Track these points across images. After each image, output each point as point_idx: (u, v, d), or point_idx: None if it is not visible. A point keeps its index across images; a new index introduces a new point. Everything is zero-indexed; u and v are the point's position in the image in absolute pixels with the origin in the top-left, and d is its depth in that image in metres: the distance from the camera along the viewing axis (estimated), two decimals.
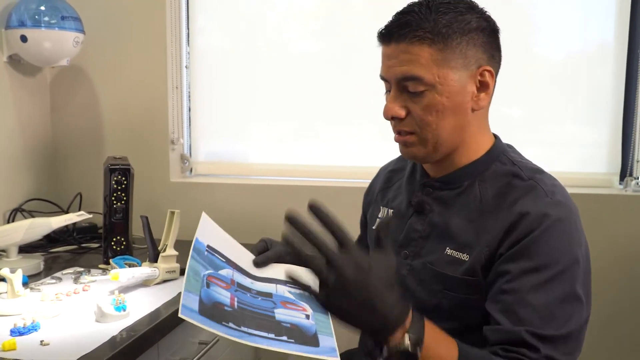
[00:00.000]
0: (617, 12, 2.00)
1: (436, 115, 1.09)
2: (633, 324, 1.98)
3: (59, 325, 1.28)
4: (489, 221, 1.09)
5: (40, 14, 1.92)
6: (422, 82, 1.08)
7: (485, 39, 1.11)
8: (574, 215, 1.09)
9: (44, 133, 2.26)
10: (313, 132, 2.25)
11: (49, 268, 1.71)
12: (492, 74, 1.12)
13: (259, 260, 1.27)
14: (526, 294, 1.02)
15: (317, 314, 1.17)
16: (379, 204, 1.35)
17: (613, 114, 2.03)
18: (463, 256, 1.11)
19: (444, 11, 1.08)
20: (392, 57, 1.11)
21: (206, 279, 1.08)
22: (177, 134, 2.25)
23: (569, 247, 1.05)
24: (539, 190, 1.09)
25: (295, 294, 1.21)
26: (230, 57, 2.26)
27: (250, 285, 1.17)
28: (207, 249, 1.16)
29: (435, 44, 1.07)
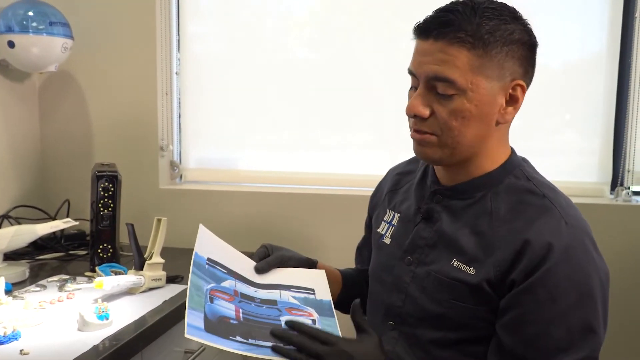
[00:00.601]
0: (609, 23, 1.99)
1: (461, 121, 1.06)
2: (624, 335, 1.97)
3: (40, 334, 1.26)
4: (499, 238, 1.07)
5: (28, 19, 1.91)
6: (454, 85, 1.04)
7: (524, 53, 1.07)
8: (588, 237, 1.07)
9: (33, 139, 2.24)
10: (305, 139, 2.24)
11: (35, 275, 1.70)
12: (523, 89, 1.09)
13: (260, 266, 1.26)
14: (545, 326, 1.02)
15: (323, 318, 1.17)
16: (386, 206, 1.32)
17: (604, 124, 2.02)
18: (470, 270, 1.08)
19: (489, 16, 1.04)
20: (427, 53, 1.06)
21: (209, 293, 1.07)
22: (166, 140, 2.24)
23: (586, 273, 1.03)
24: (554, 213, 1.06)
25: (299, 299, 1.20)
26: (222, 63, 2.25)
27: (254, 294, 1.16)
28: (207, 262, 1.15)
29: (475, 49, 1.03)
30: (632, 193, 2.00)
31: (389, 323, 1.20)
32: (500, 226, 1.08)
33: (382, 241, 1.28)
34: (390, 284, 1.21)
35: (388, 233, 1.26)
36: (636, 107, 1.95)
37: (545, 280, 1.01)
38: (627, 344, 1.97)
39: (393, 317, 1.20)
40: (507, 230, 1.06)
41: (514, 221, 1.07)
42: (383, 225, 1.30)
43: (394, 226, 1.26)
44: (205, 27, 2.29)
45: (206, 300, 1.05)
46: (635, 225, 1.95)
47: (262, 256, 1.29)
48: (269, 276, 1.26)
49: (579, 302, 1.02)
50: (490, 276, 1.06)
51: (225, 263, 1.19)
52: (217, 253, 1.20)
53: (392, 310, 1.20)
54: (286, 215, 2.16)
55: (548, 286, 1.01)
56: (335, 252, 2.11)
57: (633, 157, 1.98)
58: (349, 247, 1.94)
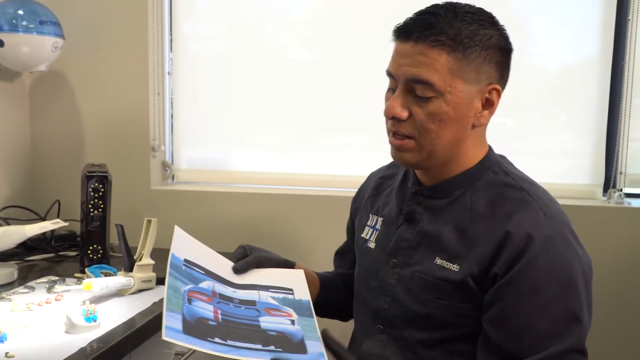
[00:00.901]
0: (601, 25, 1.99)
1: (439, 124, 1.07)
2: (616, 336, 1.96)
3: (27, 336, 1.24)
4: (479, 233, 1.08)
5: (18, 18, 1.89)
6: (432, 88, 1.05)
7: (500, 58, 1.09)
8: (568, 228, 1.08)
9: (23, 139, 2.23)
10: (300, 140, 2.24)
11: (24, 277, 1.68)
12: (499, 93, 1.11)
13: (239, 266, 1.25)
14: (529, 318, 1.02)
15: (302, 318, 1.16)
16: (368, 211, 1.33)
17: (597, 126, 2.02)
18: (453, 267, 1.09)
19: (469, 21, 1.06)
20: (407, 55, 1.07)
21: (187, 294, 1.06)
22: (158, 140, 2.22)
23: (567, 263, 1.04)
24: (533, 205, 1.07)
25: (278, 299, 1.19)
26: (215, 63, 2.24)
27: (233, 295, 1.15)
28: (184, 263, 1.14)
29: (455, 52, 1.04)
30: (625, 195, 2.00)
31: (378, 327, 1.20)
32: (480, 221, 1.09)
33: (366, 246, 1.28)
34: (377, 288, 1.21)
35: (372, 237, 1.27)
36: (629, 109, 1.95)
37: (526, 271, 1.02)
38: (619, 344, 1.97)
39: (381, 321, 1.20)
40: (487, 225, 1.07)
41: (493, 215, 1.08)
42: (367, 230, 1.30)
43: (378, 230, 1.26)
44: (198, 27, 2.28)
45: (184, 301, 1.04)
46: (627, 227, 1.95)
47: (240, 256, 1.28)
48: (247, 277, 1.25)
49: (562, 292, 1.03)
50: (474, 271, 1.06)
51: (202, 264, 1.18)
52: (194, 254, 1.19)
53: (379, 314, 1.20)
54: (279, 217, 2.15)
55: (529, 278, 1.02)
56: (328, 254, 2.09)
57: (625, 160, 1.98)
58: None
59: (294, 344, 1.07)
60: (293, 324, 1.13)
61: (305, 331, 1.12)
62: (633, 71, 1.94)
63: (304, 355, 1.06)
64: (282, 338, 1.08)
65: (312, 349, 1.07)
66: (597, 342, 1.96)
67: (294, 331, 1.11)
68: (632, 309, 1.96)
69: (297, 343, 1.08)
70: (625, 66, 1.95)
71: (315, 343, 1.09)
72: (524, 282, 1.02)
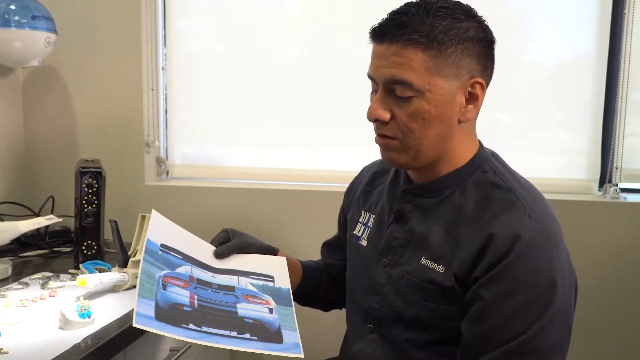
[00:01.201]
0: (597, 21, 1.99)
1: (421, 123, 1.06)
2: (610, 331, 1.97)
3: (21, 332, 1.23)
4: (464, 234, 1.07)
5: (10, 13, 1.88)
6: (411, 87, 1.04)
7: (481, 50, 1.07)
8: (552, 233, 1.07)
9: (16, 134, 2.21)
10: (294, 136, 2.23)
11: (18, 273, 1.67)
12: (482, 86, 1.09)
13: (220, 251, 1.24)
14: (500, 321, 1.01)
15: (280, 307, 1.16)
16: (360, 207, 1.32)
17: (593, 121, 2.02)
18: (438, 267, 1.08)
19: (442, 16, 1.04)
20: (383, 57, 1.07)
21: (162, 280, 1.06)
22: (152, 136, 2.21)
23: (547, 269, 1.02)
24: (518, 207, 1.06)
25: (258, 286, 1.19)
26: (209, 58, 2.23)
27: (212, 280, 1.14)
28: (161, 248, 1.12)
29: (429, 49, 1.03)
30: (620, 190, 2.00)
31: (368, 326, 1.20)
32: (466, 223, 1.08)
33: (358, 243, 1.27)
34: (367, 287, 1.21)
35: (364, 235, 1.26)
36: (624, 104, 1.95)
37: (505, 273, 1.01)
38: (615, 338, 1.97)
39: (371, 320, 1.19)
40: (472, 227, 1.07)
41: (479, 217, 1.07)
42: (359, 227, 1.30)
43: (370, 228, 1.26)
44: (193, 22, 2.27)
45: (158, 287, 1.04)
46: (623, 222, 1.94)
47: (223, 241, 1.28)
48: (228, 261, 1.24)
49: (536, 298, 1.01)
50: (457, 273, 1.06)
51: (180, 248, 1.16)
52: (171, 239, 1.17)
53: (369, 313, 1.20)
54: (274, 212, 2.14)
55: (507, 280, 1.01)
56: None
57: (621, 155, 1.97)
58: None
59: (271, 332, 1.08)
60: (271, 312, 1.13)
61: (283, 320, 1.12)
62: (629, 66, 1.93)
63: (280, 344, 1.06)
64: (258, 326, 1.08)
65: (288, 339, 1.08)
66: (592, 336, 1.97)
67: (271, 320, 1.11)
68: (628, 305, 1.96)
69: (273, 332, 1.08)
70: (621, 61, 1.94)
71: (291, 333, 1.09)
72: (502, 284, 1.01)
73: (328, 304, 1.48)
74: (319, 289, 1.44)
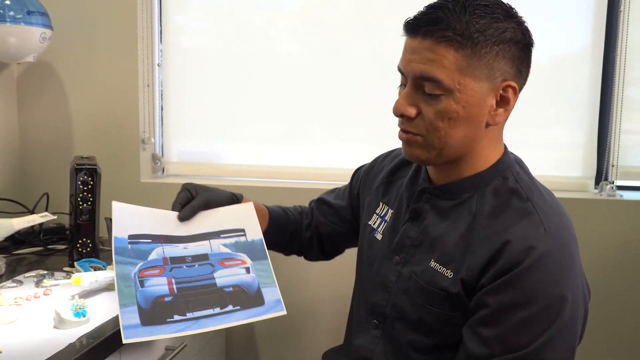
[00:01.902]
0: (593, 17, 1.99)
1: (448, 122, 1.03)
2: (608, 329, 1.97)
3: (15, 331, 1.23)
4: (477, 240, 1.04)
5: (4, 8, 1.86)
6: (441, 85, 1.01)
7: (517, 53, 1.04)
8: (567, 248, 1.03)
9: (11, 130, 2.20)
10: (291, 133, 2.22)
11: (12, 271, 1.66)
12: (515, 90, 1.06)
13: (183, 215, 1.22)
14: (504, 331, 0.99)
15: (256, 262, 1.18)
16: (379, 198, 1.29)
17: (589, 118, 2.02)
18: (447, 272, 1.06)
19: (480, 14, 1.00)
20: (415, 51, 1.03)
21: (138, 277, 1.06)
22: (148, 133, 2.21)
23: (555, 284, 0.99)
24: (535, 218, 1.02)
25: (230, 246, 1.19)
26: (205, 55, 2.22)
27: (184, 252, 1.14)
28: (129, 240, 1.11)
29: (463, 48, 0.99)
30: (617, 187, 2.00)
31: (373, 321, 1.19)
32: (480, 228, 1.05)
33: (373, 236, 1.25)
34: (377, 282, 1.20)
35: (380, 229, 1.24)
36: (620, 101, 1.95)
37: (514, 283, 0.99)
38: (611, 336, 1.98)
39: (377, 316, 1.19)
40: (486, 233, 1.04)
41: (493, 224, 1.04)
42: (375, 219, 1.27)
43: (387, 222, 1.23)
44: (189, 18, 2.26)
45: (136, 287, 1.04)
46: (619, 219, 1.95)
47: (184, 201, 1.25)
48: (195, 223, 1.22)
49: (543, 313, 0.98)
50: (464, 278, 1.04)
51: (147, 231, 1.15)
52: (137, 225, 1.16)
53: (375, 309, 1.19)
54: None
55: (516, 290, 0.98)
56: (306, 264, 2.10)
57: (617, 152, 1.97)
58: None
59: (251, 296, 1.10)
60: (248, 272, 1.14)
61: (261, 277, 1.14)
62: (625, 63, 1.93)
63: (262, 307, 1.09)
64: (239, 293, 1.10)
65: (269, 297, 1.11)
66: (590, 333, 1.97)
67: (249, 281, 1.13)
68: (624, 302, 1.96)
69: (254, 295, 1.10)
70: (617, 58, 1.94)
71: (271, 290, 1.12)
72: (509, 293, 0.99)
73: (292, 250, 1.48)
74: (284, 236, 1.43)
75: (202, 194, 1.26)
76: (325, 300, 2.12)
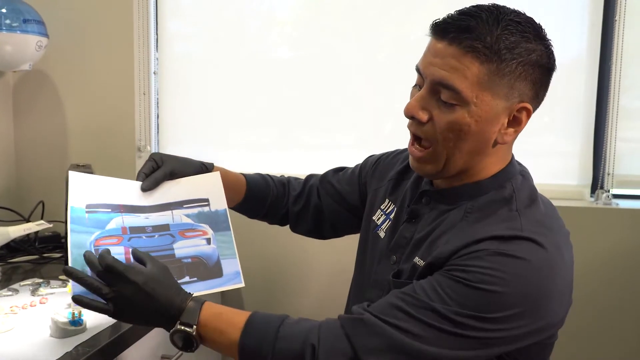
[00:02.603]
0: (589, 26, 2.00)
1: (457, 134, 1.01)
2: (605, 337, 1.97)
3: (11, 340, 1.22)
4: (453, 235, 1.03)
5: (1, 16, 1.86)
6: (458, 96, 0.99)
7: (539, 76, 1.02)
8: (548, 265, 0.97)
9: (6, 139, 2.20)
10: (287, 139, 2.22)
11: (7, 279, 1.65)
12: (529, 113, 1.04)
13: (146, 186, 1.19)
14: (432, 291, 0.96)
15: (218, 233, 1.16)
16: (386, 194, 1.28)
17: (585, 127, 2.02)
18: (421, 262, 1.05)
19: (512, 31, 0.98)
20: (438, 55, 1.00)
21: (94, 246, 1.05)
22: (144, 141, 2.20)
23: (511, 279, 0.94)
24: (515, 222, 1.00)
25: (193, 216, 1.18)
26: (201, 62, 2.22)
27: (145, 222, 1.12)
28: (87, 210, 1.09)
29: (488, 63, 0.97)
30: (612, 196, 2.01)
31: None
32: (459, 229, 1.04)
33: (376, 232, 1.25)
34: (373, 280, 1.19)
35: (384, 226, 1.23)
36: (616, 110, 1.96)
37: (466, 264, 0.96)
38: (607, 345, 1.98)
39: None
40: (463, 233, 1.02)
41: (473, 227, 1.02)
42: (379, 215, 1.27)
43: (390, 221, 1.22)
44: (185, 26, 2.26)
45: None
46: (615, 228, 1.95)
47: (149, 171, 1.21)
48: (159, 193, 1.19)
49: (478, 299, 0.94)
50: (432, 261, 1.02)
51: (106, 200, 1.13)
52: (95, 194, 1.13)
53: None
54: None
55: (465, 270, 0.96)
56: (315, 252, 2.10)
57: (613, 160, 1.98)
58: (333, 249, 1.92)
59: (210, 268, 1.09)
60: (209, 243, 1.13)
61: (222, 249, 1.13)
62: (620, 71, 1.94)
63: (220, 279, 1.10)
64: (197, 263, 1.09)
65: (227, 269, 1.11)
66: (586, 342, 1.97)
67: (209, 252, 1.12)
68: (622, 311, 1.96)
69: (212, 266, 1.10)
70: (613, 66, 1.95)
71: (231, 261, 1.12)
72: (458, 272, 0.96)
73: (272, 221, 1.47)
74: (262, 206, 1.42)
75: (168, 164, 1.23)
76: (325, 307, 2.11)
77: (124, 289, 1.00)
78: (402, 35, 2.08)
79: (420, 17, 2.02)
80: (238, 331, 0.99)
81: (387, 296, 1.01)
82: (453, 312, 0.94)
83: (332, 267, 2.09)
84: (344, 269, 1.54)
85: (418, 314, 0.95)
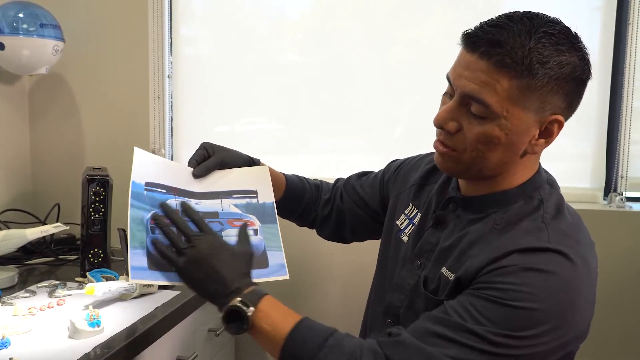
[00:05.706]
0: (602, 28, 1.99)
1: (487, 146, 1.00)
2: (617, 341, 1.96)
3: (30, 341, 1.24)
4: (481, 248, 1.02)
5: (18, 21, 1.89)
6: (488, 110, 0.97)
7: (572, 88, 0.99)
8: (573, 277, 0.97)
9: (23, 142, 2.22)
10: (298, 143, 2.23)
11: (24, 281, 1.67)
12: (561, 124, 1.02)
13: (198, 172, 1.21)
14: (466, 312, 0.96)
15: (265, 225, 1.18)
16: (410, 198, 1.27)
17: (597, 130, 2.02)
18: (450, 276, 1.05)
19: (545, 44, 0.96)
20: (469, 68, 0.99)
21: (150, 223, 1.06)
22: (158, 144, 2.22)
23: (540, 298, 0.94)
24: (542, 234, 0.99)
25: (241, 206, 1.20)
26: (214, 66, 2.24)
27: (195, 208, 1.13)
28: (145, 187, 1.11)
29: (519, 78, 0.95)
30: (626, 199, 2.00)
31: (388, 321, 1.19)
32: (488, 241, 1.03)
33: (399, 236, 1.25)
34: (395, 284, 1.19)
35: (407, 230, 1.23)
36: (629, 113, 1.95)
37: (489, 280, 0.97)
38: (618, 349, 1.97)
39: (392, 316, 1.18)
40: (492, 246, 1.01)
41: (500, 238, 1.02)
42: (403, 219, 1.26)
43: (415, 225, 1.22)
44: (198, 30, 2.28)
45: (147, 232, 1.04)
46: (628, 231, 1.94)
47: (201, 159, 1.24)
48: (209, 182, 1.22)
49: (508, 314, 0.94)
50: (461, 277, 1.02)
51: (163, 181, 1.14)
52: (154, 173, 1.15)
53: (391, 309, 1.19)
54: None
55: (496, 288, 0.96)
56: (322, 256, 2.10)
57: (626, 163, 1.97)
58: (341, 252, 1.93)
59: (256, 258, 1.10)
60: (256, 234, 1.15)
61: (268, 240, 1.15)
62: (634, 74, 1.93)
63: (265, 269, 1.11)
64: None
65: (273, 261, 1.13)
66: (597, 345, 1.97)
67: (256, 242, 1.13)
68: (634, 314, 1.96)
69: (259, 257, 1.12)
70: (626, 70, 1.94)
71: (277, 254, 1.14)
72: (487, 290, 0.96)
73: (304, 222, 1.48)
74: (299, 206, 1.43)
75: (219, 154, 1.26)
76: (339, 305, 2.12)
77: (202, 244, 1.02)
78: (412, 39, 2.09)
79: (430, 21, 2.03)
80: (288, 327, 1.00)
81: (420, 321, 1.01)
82: (489, 332, 0.94)
83: (351, 268, 2.10)
84: (363, 270, 1.54)
85: (456, 336, 0.95)
